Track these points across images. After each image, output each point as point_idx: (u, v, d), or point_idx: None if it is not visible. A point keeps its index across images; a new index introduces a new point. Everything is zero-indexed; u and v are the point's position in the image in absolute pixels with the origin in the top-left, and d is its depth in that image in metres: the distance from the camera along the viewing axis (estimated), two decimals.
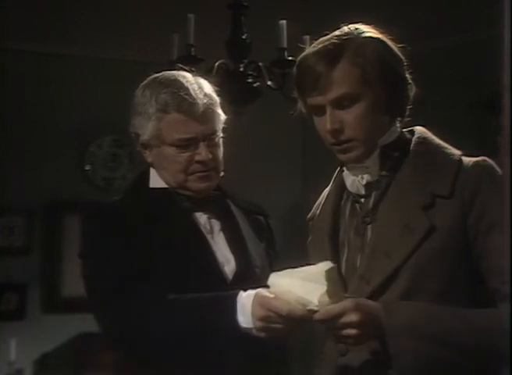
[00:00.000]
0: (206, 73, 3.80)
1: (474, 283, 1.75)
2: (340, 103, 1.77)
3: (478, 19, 4.60)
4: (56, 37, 5.15)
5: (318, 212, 1.98)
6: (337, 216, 1.91)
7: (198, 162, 2.07)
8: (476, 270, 1.75)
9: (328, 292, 1.69)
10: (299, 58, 1.83)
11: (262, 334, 1.82)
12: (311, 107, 1.82)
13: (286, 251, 3.04)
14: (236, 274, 2.07)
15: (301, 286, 1.73)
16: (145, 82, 2.15)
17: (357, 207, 1.87)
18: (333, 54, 1.77)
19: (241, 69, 3.94)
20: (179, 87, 2.07)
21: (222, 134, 2.15)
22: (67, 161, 5.31)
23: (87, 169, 5.40)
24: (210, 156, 2.07)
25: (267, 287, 1.81)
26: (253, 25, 4.00)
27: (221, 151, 2.14)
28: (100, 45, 5.26)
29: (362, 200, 1.85)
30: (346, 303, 1.67)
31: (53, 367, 5.02)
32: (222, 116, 2.14)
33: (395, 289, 1.74)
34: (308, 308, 1.71)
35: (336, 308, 1.66)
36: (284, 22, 3.92)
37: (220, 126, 2.13)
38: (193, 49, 3.93)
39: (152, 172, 2.17)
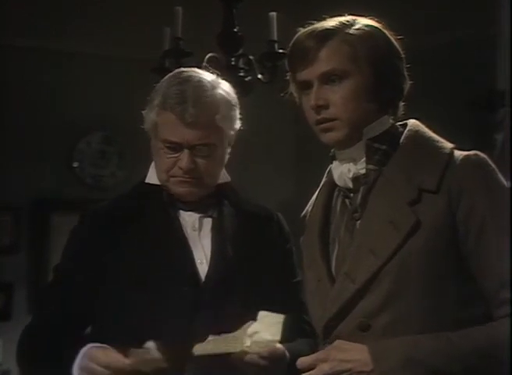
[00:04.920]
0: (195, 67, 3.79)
1: (464, 283, 1.70)
2: (328, 79, 1.77)
3: (477, 17, 4.58)
4: (44, 33, 5.12)
5: (311, 209, 1.95)
6: (328, 212, 1.88)
7: (179, 167, 2.06)
8: (465, 269, 1.70)
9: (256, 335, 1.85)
10: (293, 38, 1.84)
11: None
12: (300, 83, 1.82)
13: None
14: (208, 275, 2.06)
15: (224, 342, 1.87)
16: (171, 73, 2.15)
17: (347, 202, 1.83)
18: (326, 33, 1.78)
19: (233, 63, 3.90)
20: (185, 88, 2.04)
21: (225, 147, 2.12)
22: (55, 158, 5.29)
23: (75, 166, 5.36)
24: (192, 166, 2.04)
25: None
26: (245, 17, 3.95)
27: (216, 163, 2.10)
28: (90, 42, 5.23)
29: (351, 195, 1.82)
30: (318, 354, 1.71)
31: None
32: (229, 131, 2.10)
33: (381, 288, 1.70)
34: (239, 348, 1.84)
35: (307, 359, 1.71)
36: (274, 14, 3.88)
37: (221, 139, 2.09)
38: (181, 43, 3.89)
39: (152, 165, 2.17)
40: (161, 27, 4.02)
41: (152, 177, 2.16)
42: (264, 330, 1.85)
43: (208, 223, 2.13)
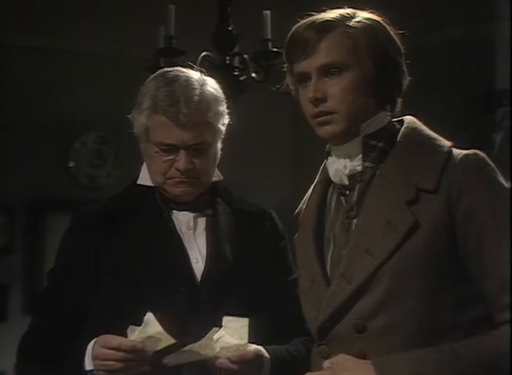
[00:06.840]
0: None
1: (462, 285, 1.67)
2: (327, 71, 1.74)
3: (477, 16, 4.57)
4: (40, 31, 5.09)
5: (305, 206, 1.92)
6: (323, 209, 1.84)
7: (176, 169, 2.05)
8: (464, 271, 1.67)
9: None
10: (292, 29, 1.80)
11: (101, 374, 1.89)
12: (297, 75, 1.78)
13: None
14: (205, 274, 2.06)
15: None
16: (155, 73, 2.12)
17: (343, 200, 1.80)
18: (326, 24, 1.75)
19: (227, 62, 3.90)
20: (174, 89, 2.03)
21: (217, 144, 2.12)
22: (50, 158, 5.27)
23: (70, 166, 5.34)
24: (190, 166, 2.04)
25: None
26: (239, 16, 3.95)
27: (210, 160, 2.10)
28: (86, 41, 5.20)
29: (347, 192, 1.79)
30: (323, 372, 1.67)
31: None
32: (220, 127, 2.10)
33: (377, 289, 1.67)
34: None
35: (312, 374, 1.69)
36: (268, 12, 3.88)
37: (214, 136, 2.09)
38: (174, 41, 3.89)
39: (143, 167, 2.17)
40: (155, 25, 4.01)
41: (144, 179, 2.15)
42: (231, 334, 1.85)
43: (202, 221, 2.12)
